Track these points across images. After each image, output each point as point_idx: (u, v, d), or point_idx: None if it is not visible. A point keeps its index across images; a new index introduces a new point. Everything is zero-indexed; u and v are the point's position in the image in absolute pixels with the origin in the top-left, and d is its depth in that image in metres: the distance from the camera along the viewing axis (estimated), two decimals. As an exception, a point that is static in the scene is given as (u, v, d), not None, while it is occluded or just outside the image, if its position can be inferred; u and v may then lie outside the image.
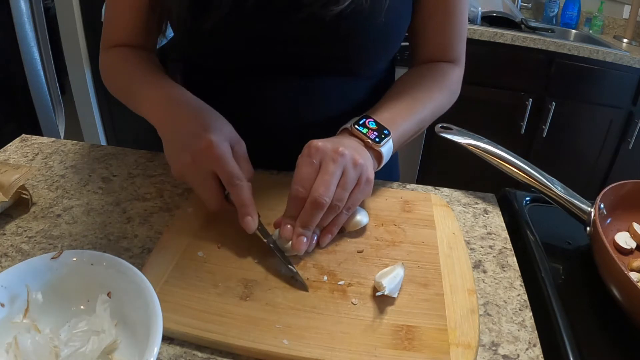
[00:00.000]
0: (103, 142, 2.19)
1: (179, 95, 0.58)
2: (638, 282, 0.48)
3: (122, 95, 0.67)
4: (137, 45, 0.70)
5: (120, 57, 0.68)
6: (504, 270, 0.55)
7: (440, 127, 0.67)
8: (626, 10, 2.24)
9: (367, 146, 0.58)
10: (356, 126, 0.59)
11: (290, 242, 0.52)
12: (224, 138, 0.52)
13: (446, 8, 0.67)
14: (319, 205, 0.50)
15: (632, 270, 0.54)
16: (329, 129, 0.61)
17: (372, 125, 0.60)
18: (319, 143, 0.54)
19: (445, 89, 0.70)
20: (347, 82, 0.69)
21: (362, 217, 0.57)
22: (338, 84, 0.68)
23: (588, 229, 0.56)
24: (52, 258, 0.43)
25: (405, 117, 0.63)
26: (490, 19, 2.07)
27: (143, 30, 0.69)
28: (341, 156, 0.52)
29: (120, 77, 0.67)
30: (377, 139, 0.59)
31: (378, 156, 0.59)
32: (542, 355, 0.44)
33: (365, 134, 0.59)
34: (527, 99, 1.94)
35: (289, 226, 0.52)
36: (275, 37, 0.62)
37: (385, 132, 0.60)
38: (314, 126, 0.68)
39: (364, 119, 0.60)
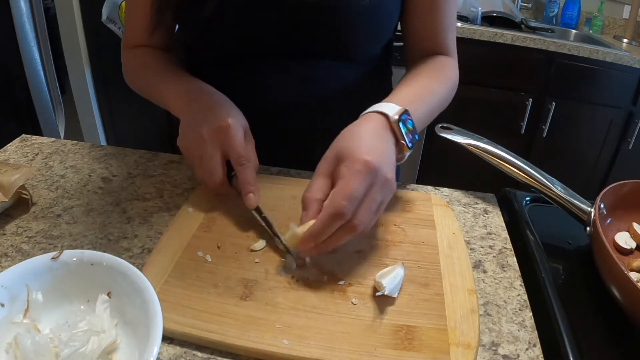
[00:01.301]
0: (103, 142, 2.18)
1: (202, 86, 0.63)
2: (638, 282, 0.48)
3: (144, 92, 0.71)
4: (155, 45, 0.72)
5: (140, 57, 0.72)
6: (504, 270, 0.55)
7: (440, 127, 0.67)
8: (626, 10, 2.24)
9: (398, 146, 0.55)
10: (400, 123, 0.54)
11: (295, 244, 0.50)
12: (240, 125, 0.57)
13: (430, 1, 0.67)
14: (356, 231, 0.47)
15: (632, 270, 0.54)
16: (328, 113, 0.61)
17: (410, 126, 0.56)
18: (375, 162, 0.48)
19: (447, 81, 0.69)
20: (344, 67, 0.70)
21: None
22: (335, 68, 0.69)
23: (588, 229, 0.56)
24: (52, 258, 0.43)
25: (422, 104, 0.61)
26: (490, 19, 2.07)
27: (157, 30, 0.70)
28: (388, 183, 0.49)
29: (143, 75, 0.71)
30: (409, 144, 0.55)
31: (400, 159, 0.57)
32: (542, 355, 0.44)
33: (404, 135, 0.54)
34: (527, 99, 1.94)
35: (312, 244, 0.48)
36: (267, 23, 0.64)
37: (417, 137, 0.57)
38: (313, 110, 0.68)
39: (405, 115, 0.55)
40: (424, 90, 0.64)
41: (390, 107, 0.55)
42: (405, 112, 0.56)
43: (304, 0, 0.61)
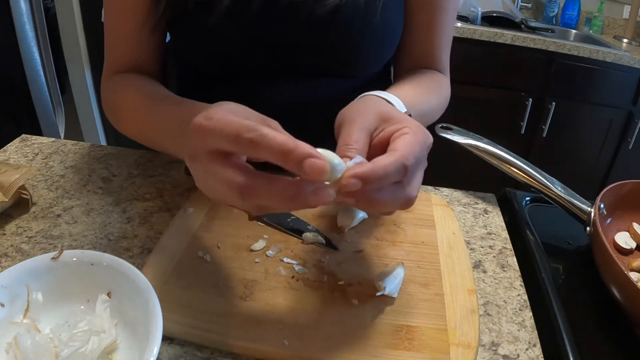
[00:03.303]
0: (103, 142, 2.18)
1: (190, 106, 0.49)
2: (638, 282, 0.48)
3: (127, 130, 0.61)
4: (141, 70, 0.65)
5: (124, 92, 0.60)
6: (504, 270, 0.55)
7: (441, 127, 0.67)
8: (626, 10, 2.24)
9: None
10: None
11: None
12: (221, 110, 0.38)
13: (429, 17, 0.66)
14: (409, 204, 0.40)
15: (632, 270, 0.54)
16: (328, 133, 0.57)
17: None
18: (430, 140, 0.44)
19: (441, 96, 0.68)
20: (344, 85, 0.68)
21: (360, 214, 0.58)
22: (336, 86, 0.68)
23: (588, 229, 0.56)
24: (52, 258, 0.43)
25: (418, 108, 0.57)
26: (490, 19, 2.07)
27: (146, 53, 0.65)
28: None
29: (124, 114, 0.60)
30: None
31: None
32: (542, 355, 0.44)
33: None
34: (527, 99, 1.94)
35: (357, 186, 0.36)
36: (274, 41, 0.62)
37: None
38: (312, 130, 0.67)
39: None
40: (421, 99, 0.61)
41: (399, 105, 0.51)
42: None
43: (316, 18, 0.59)
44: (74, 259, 0.43)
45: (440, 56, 0.71)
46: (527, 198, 0.68)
